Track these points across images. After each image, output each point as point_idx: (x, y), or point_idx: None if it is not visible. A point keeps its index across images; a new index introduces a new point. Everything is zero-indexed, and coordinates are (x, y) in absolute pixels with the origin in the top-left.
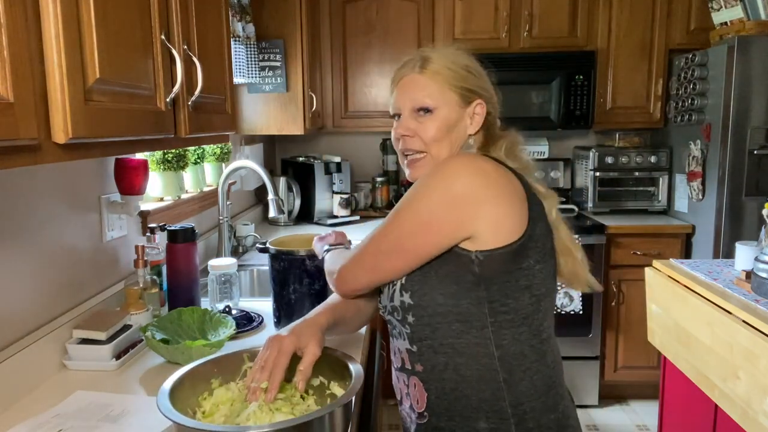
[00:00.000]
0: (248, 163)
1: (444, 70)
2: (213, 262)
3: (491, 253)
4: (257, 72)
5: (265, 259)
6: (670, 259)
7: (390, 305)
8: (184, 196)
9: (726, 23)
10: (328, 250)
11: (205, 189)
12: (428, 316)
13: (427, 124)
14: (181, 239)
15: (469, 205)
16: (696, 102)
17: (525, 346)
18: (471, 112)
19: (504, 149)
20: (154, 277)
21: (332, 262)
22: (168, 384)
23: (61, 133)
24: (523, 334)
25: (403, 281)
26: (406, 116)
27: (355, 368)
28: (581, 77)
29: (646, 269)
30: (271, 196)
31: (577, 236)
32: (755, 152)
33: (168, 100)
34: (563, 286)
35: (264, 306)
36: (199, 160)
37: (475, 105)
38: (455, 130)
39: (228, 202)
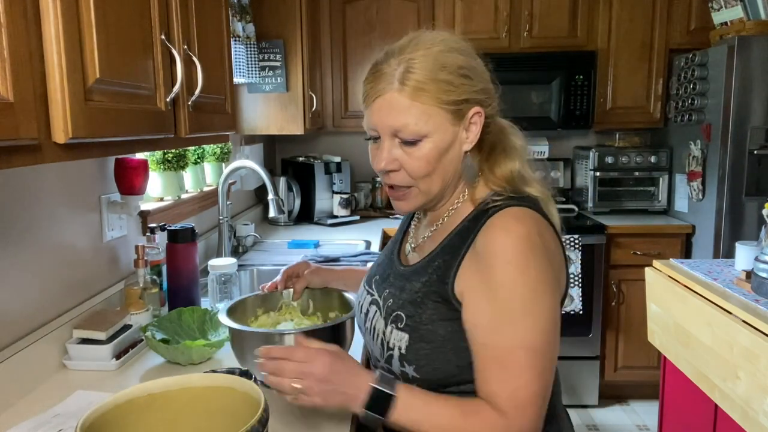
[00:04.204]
0: (248, 163)
1: (431, 84)
2: (213, 262)
3: None
4: (257, 72)
5: (265, 258)
6: (670, 259)
7: (384, 366)
8: (184, 196)
9: (726, 23)
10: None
11: (205, 189)
12: (437, 385)
13: (414, 155)
14: (181, 239)
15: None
16: (696, 102)
17: None
18: (467, 124)
19: (516, 174)
20: (154, 277)
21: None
22: (224, 307)
23: (61, 133)
24: None
25: (403, 350)
26: (387, 143)
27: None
28: (581, 77)
29: (646, 269)
30: (271, 196)
31: (577, 236)
32: (755, 152)
33: (168, 100)
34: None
35: None
36: (199, 160)
37: (472, 115)
38: (449, 153)
39: (228, 202)
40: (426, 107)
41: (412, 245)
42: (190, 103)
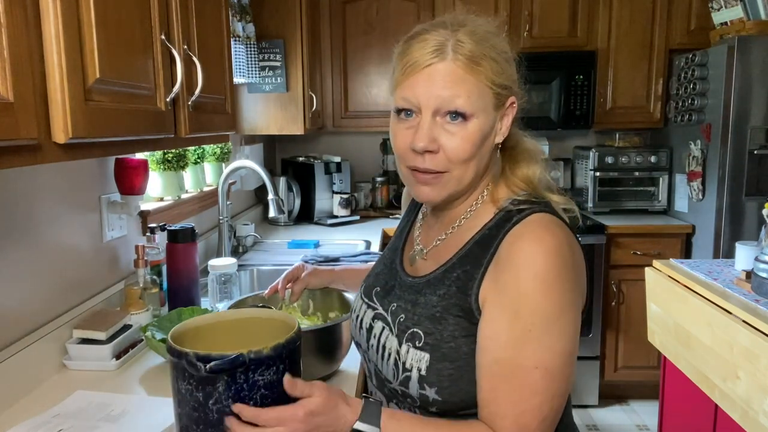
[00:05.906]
0: (248, 163)
1: (484, 61)
2: (213, 262)
3: None
4: (257, 72)
5: (265, 258)
6: (670, 259)
7: (399, 389)
8: (184, 196)
9: (726, 23)
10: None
11: (205, 189)
12: (460, 412)
13: (458, 136)
14: (181, 239)
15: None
16: (696, 102)
17: None
18: (502, 115)
19: (537, 178)
20: (154, 277)
21: None
22: (224, 307)
23: (61, 133)
24: None
25: (423, 371)
26: (428, 120)
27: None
28: (581, 77)
29: (646, 269)
30: (271, 196)
31: (577, 236)
32: (755, 152)
33: (168, 100)
34: None
35: None
36: (199, 160)
37: (508, 105)
38: (488, 141)
39: (228, 202)
40: (479, 84)
41: (424, 250)
42: (190, 103)
